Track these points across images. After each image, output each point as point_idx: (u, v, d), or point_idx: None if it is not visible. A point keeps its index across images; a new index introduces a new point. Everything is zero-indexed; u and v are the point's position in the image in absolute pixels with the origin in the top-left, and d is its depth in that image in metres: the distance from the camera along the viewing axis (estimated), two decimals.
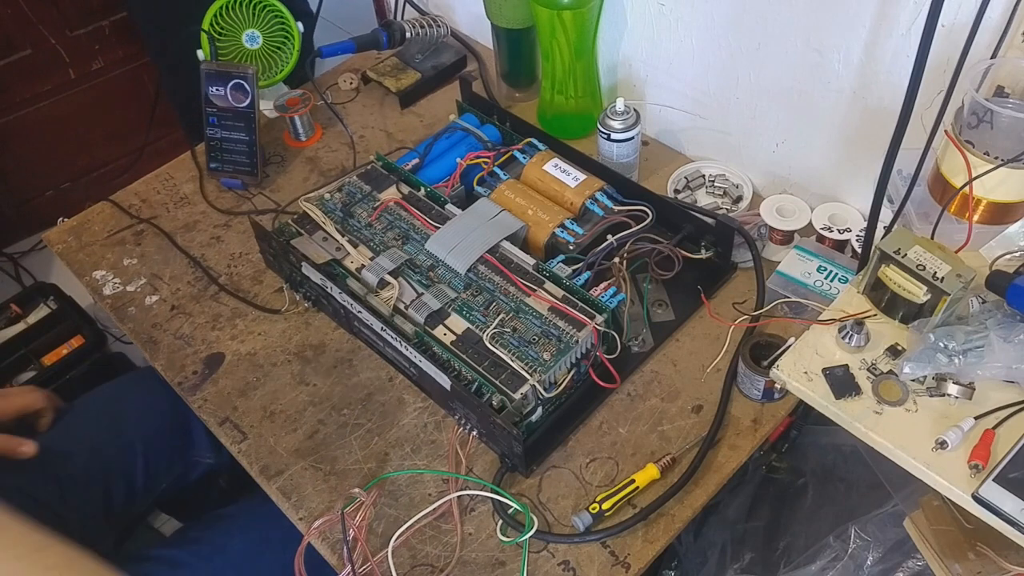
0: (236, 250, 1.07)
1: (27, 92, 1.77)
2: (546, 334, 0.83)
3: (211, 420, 0.91)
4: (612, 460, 0.84)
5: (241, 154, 1.12)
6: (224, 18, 1.10)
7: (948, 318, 0.72)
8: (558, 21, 1.03)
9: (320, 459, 0.87)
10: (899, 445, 0.68)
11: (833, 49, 0.88)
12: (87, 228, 1.12)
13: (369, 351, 0.95)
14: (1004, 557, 0.79)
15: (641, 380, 0.90)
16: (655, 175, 1.12)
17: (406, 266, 0.91)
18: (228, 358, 0.96)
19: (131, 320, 1.01)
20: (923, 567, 0.87)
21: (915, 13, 0.78)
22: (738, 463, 0.83)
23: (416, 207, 0.96)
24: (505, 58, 1.21)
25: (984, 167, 0.70)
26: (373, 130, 1.22)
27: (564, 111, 1.14)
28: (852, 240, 0.96)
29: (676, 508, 0.80)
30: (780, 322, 0.90)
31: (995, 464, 0.65)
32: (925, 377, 0.71)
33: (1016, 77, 0.72)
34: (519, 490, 0.83)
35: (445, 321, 0.85)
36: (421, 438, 0.87)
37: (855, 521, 0.94)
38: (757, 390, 0.86)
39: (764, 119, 1.01)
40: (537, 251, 0.95)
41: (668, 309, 0.95)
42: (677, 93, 1.09)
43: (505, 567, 0.78)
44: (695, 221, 0.97)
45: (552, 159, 1.01)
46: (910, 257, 0.72)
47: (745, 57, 0.97)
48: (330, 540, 0.81)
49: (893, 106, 0.74)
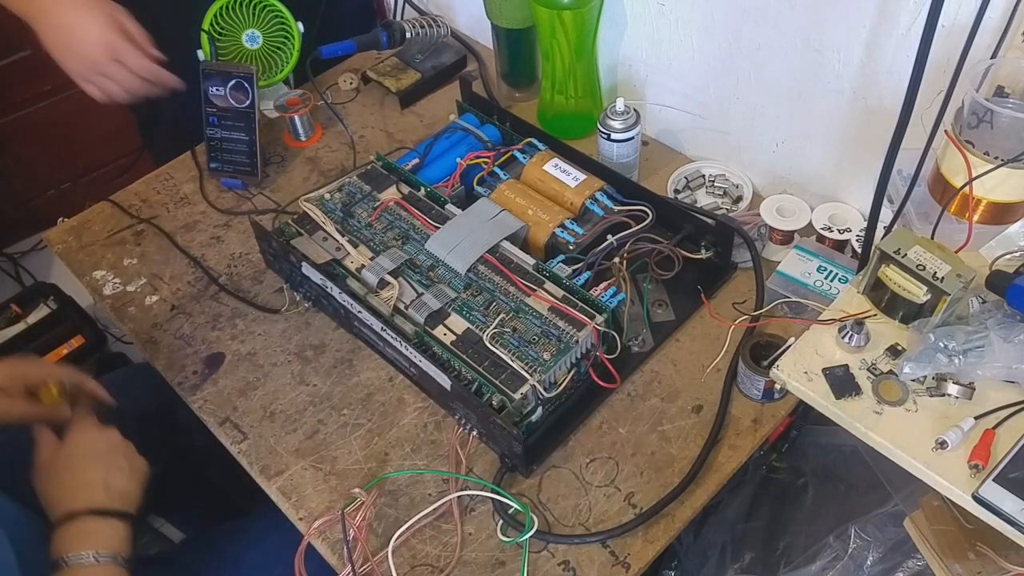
0: (236, 250, 1.07)
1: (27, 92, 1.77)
2: (546, 334, 0.83)
3: (211, 420, 0.91)
4: (612, 460, 0.84)
5: (241, 154, 1.12)
6: (224, 18, 1.10)
7: (948, 318, 0.72)
8: (558, 21, 1.03)
9: (320, 459, 0.87)
10: (899, 445, 0.68)
11: (833, 49, 0.88)
12: (87, 228, 1.12)
13: (369, 351, 0.95)
14: (1004, 557, 0.79)
15: (641, 380, 0.90)
16: (655, 175, 1.12)
17: (406, 266, 0.91)
18: (228, 358, 0.96)
19: (131, 320, 1.01)
20: (923, 567, 0.87)
21: (915, 13, 0.78)
22: (738, 463, 0.83)
23: (416, 207, 0.96)
24: (505, 58, 1.21)
25: (984, 167, 0.70)
26: (373, 130, 1.22)
27: (564, 111, 1.14)
28: (852, 240, 0.96)
29: (676, 508, 0.80)
30: (780, 322, 0.90)
31: (995, 464, 0.65)
32: (925, 377, 0.71)
33: (1016, 77, 0.72)
34: (519, 490, 0.83)
35: (445, 321, 0.85)
36: (421, 438, 0.87)
37: (855, 521, 0.94)
38: (757, 390, 0.86)
39: (764, 119, 1.01)
40: (537, 251, 0.95)
41: (668, 309, 0.95)
42: (677, 93, 1.09)
43: (505, 567, 0.78)
44: (695, 221, 0.97)
45: (552, 159, 1.01)
46: (910, 257, 0.72)
47: (745, 57, 0.97)
48: (330, 540, 0.81)
49: (893, 106, 0.74)
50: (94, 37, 0.96)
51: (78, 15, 0.96)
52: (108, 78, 0.99)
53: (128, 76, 0.99)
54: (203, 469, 1.15)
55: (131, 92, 1.01)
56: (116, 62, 0.97)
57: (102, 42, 0.96)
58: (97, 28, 0.96)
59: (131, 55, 0.98)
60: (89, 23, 0.96)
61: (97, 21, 0.96)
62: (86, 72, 0.98)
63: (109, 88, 1.00)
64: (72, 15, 0.96)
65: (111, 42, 0.97)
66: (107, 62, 0.97)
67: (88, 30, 0.96)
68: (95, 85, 1.00)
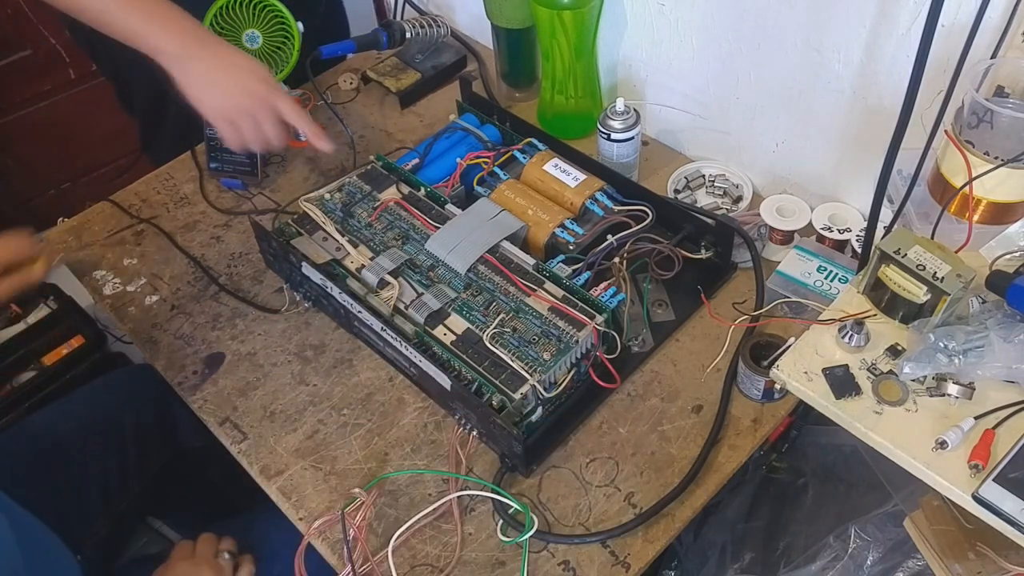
0: (236, 250, 1.07)
1: (27, 92, 1.77)
2: (546, 334, 0.83)
3: (211, 420, 0.91)
4: (612, 460, 0.84)
5: (241, 154, 1.12)
6: (224, 18, 1.10)
7: (948, 318, 0.72)
8: (558, 21, 1.03)
9: (320, 459, 0.87)
10: (899, 445, 0.68)
11: (833, 49, 0.88)
12: (87, 228, 1.12)
13: (369, 351, 0.95)
14: (1004, 557, 0.79)
15: (641, 380, 0.90)
16: (655, 175, 1.12)
17: (406, 266, 0.91)
18: (228, 358, 0.96)
19: (131, 320, 1.01)
20: (923, 567, 0.87)
21: (915, 13, 0.78)
22: (738, 463, 0.83)
23: (416, 207, 0.96)
24: (505, 58, 1.21)
25: (984, 167, 0.70)
26: (373, 130, 1.22)
27: (564, 111, 1.14)
28: (852, 240, 0.96)
29: (676, 508, 0.80)
30: (780, 322, 0.90)
31: (995, 464, 0.65)
32: (925, 377, 0.71)
33: (1016, 77, 0.72)
34: (519, 490, 0.83)
35: (445, 321, 0.85)
36: (421, 438, 0.87)
37: (855, 521, 0.94)
38: (757, 390, 0.86)
39: (764, 119, 1.01)
40: (537, 251, 0.95)
41: (668, 309, 0.95)
42: (677, 93, 1.09)
43: (505, 567, 0.78)
44: (695, 221, 0.97)
45: (552, 159, 1.01)
46: (910, 257, 0.72)
47: (745, 57, 0.97)
48: (330, 540, 0.81)
49: (893, 106, 0.74)
50: (251, 80, 0.92)
51: (238, 56, 0.93)
52: (256, 122, 0.94)
53: (273, 126, 0.95)
54: (202, 469, 1.15)
55: (268, 143, 0.96)
56: (266, 108, 0.93)
57: (259, 86, 0.93)
58: (256, 70, 0.93)
59: (286, 104, 0.94)
60: (248, 63, 0.93)
61: (254, 63, 0.93)
62: (231, 112, 0.92)
63: (249, 133, 0.94)
64: (232, 54, 0.92)
65: (267, 88, 0.93)
66: (257, 106, 0.93)
67: (250, 70, 0.92)
68: (235, 127, 0.94)
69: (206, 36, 0.92)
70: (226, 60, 0.92)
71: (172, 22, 0.89)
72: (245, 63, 0.93)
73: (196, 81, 0.91)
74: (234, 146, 0.95)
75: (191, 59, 0.89)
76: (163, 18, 0.89)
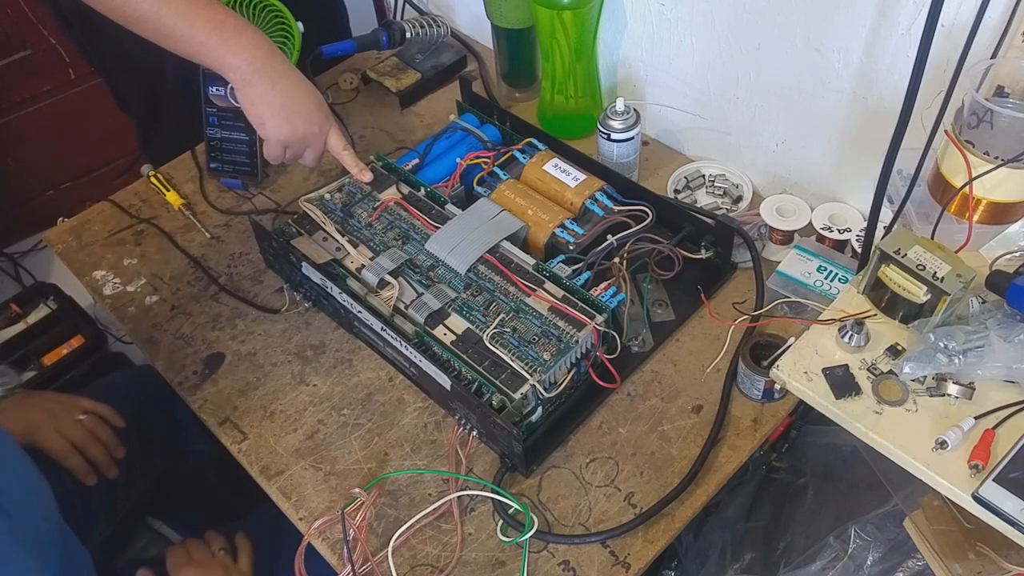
0: (236, 250, 1.07)
1: (27, 92, 1.77)
2: (546, 334, 0.83)
3: (211, 420, 0.91)
4: (612, 460, 0.84)
5: (241, 154, 1.12)
6: None
7: (948, 318, 0.72)
8: (558, 21, 1.03)
9: (320, 459, 0.87)
10: (899, 445, 0.68)
11: (833, 49, 0.88)
12: (87, 228, 1.12)
13: (369, 351, 0.95)
14: (1004, 557, 0.79)
15: (641, 380, 0.90)
16: (655, 175, 1.12)
17: (406, 266, 0.91)
18: (228, 358, 0.96)
19: (131, 320, 1.01)
20: (923, 567, 0.87)
21: (915, 13, 0.78)
22: (738, 463, 0.83)
23: (416, 207, 0.96)
24: (505, 58, 1.21)
25: (984, 167, 0.70)
26: (373, 130, 1.22)
27: (564, 111, 1.14)
28: (852, 240, 0.96)
29: (676, 508, 0.80)
30: (780, 322, 0.90)
31: (995, 464, 0.65)
32: (925, 377, 0.71)
33: (1016, 77, 0.72)
34: (519, 490, 0.83)
35: (445, 321, 0.85)
36: (421, 438, 0.87)
37: (855, 521, 0.94)
38: (757, 390, 0.86)
39: (764, 119, 1.01)
40: (537, 251, 0.95)
41: (668, 309, 0.95)
42: (677, 93, 1.09)
43: (505, 567, 0.78)
44: (695, 221, 0.97)
45: (552, 159, 1.01)
46: (910, 257, 0.72)
47: (745, 57, 0.97)
48: (330, 540, 0.81)
49: (893, 106, 0.74)
50: (313, 110, 0.91)
51: (302, 80, 0.91)
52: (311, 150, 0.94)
53: (318, 156, 0.95)
54: (202, 469, 1.15)
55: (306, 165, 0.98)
56: (321, 140, 0.93)
57: (318, 115, 0.92)
58: (317, 99, 0.92)
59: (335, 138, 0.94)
60: (310, 89, 0.91)
61: (314, 91, 0.92)
62: (290, 138, 0.91)
63: (294, 158, 0.95)
64: (298, 79, 0.90)
65: (324, 119, 0.93)
66: (313, 137, 0.92)
67: (312, 97, 0.91)
68: (286, 150, 0.93)
69: (272, 52, 0.88)
70: (291, 84, 0.89)
71: (239, 33, 0.85)
72: (308, 89, 0.91)
73: (261, 102, 0.89)
74: (273, 161, 0.95)
75: (260, 81, 0.87)
76: (231, 29, 0.85)
